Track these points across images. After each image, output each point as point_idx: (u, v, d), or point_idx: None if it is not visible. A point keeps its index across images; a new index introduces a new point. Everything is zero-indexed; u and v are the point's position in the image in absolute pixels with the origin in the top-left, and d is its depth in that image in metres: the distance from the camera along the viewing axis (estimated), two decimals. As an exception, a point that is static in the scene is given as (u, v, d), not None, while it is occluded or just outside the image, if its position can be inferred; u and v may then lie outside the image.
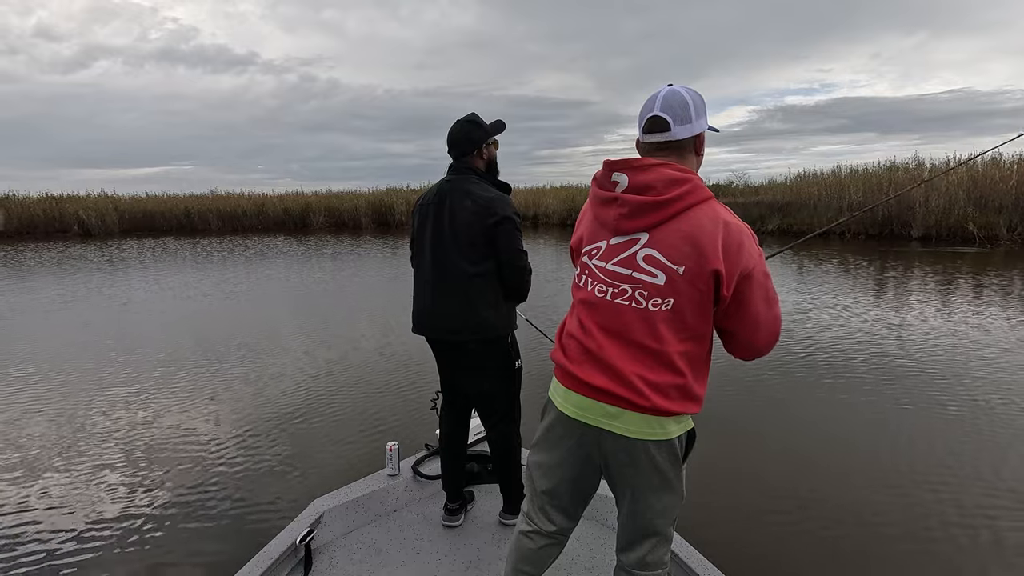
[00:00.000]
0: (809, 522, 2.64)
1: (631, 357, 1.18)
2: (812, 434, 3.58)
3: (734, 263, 1.13)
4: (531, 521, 1.42)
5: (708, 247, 1.12)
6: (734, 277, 1.14)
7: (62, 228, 22.29)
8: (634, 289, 1.17)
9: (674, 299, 1.15)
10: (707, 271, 1.12)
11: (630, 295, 1.17)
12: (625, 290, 1.18)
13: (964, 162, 14.38)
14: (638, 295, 1.16)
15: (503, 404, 2.06)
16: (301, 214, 24.58)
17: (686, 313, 1.16)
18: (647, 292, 1.16)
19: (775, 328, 1.22)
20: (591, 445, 1.28)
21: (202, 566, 2.40)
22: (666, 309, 1.15)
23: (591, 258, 1.25)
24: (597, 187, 1.26)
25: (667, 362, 1.17)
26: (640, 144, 1.26)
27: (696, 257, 1.12)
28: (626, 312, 1.18)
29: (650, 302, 1.16)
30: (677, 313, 1.15)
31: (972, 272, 9.13)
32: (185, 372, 4.99)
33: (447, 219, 1.90)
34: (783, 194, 18.50)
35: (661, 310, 1.15)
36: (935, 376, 4.46)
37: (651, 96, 1.23)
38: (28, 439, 3.67)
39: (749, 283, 1.15)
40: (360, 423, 3.82)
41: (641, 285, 1.16)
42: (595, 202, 1.27)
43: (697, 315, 1.16)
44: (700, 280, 1.13)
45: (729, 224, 1.15)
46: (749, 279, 1.15)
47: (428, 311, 1.98)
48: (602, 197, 1.23)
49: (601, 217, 1.24)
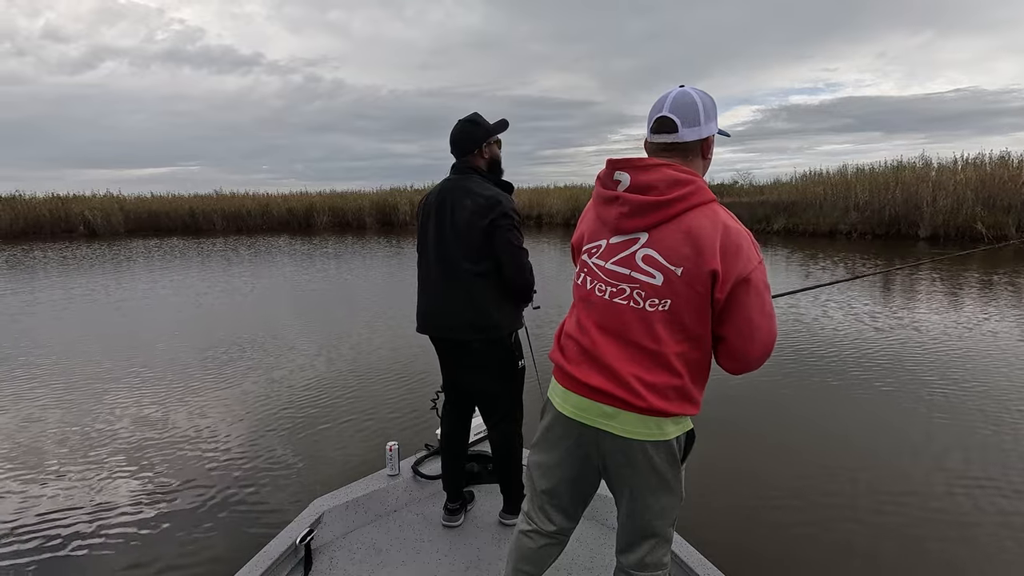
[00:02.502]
0: (810, 522, 2.62)
1: (628, 357, 1.18)
2: (813, 434, 3.56)
3: (731, 265, 1.12)
4: (531, 521, 1.42)
5: (707, 248, 1.11)
6: (730, 280, 1.13)
7: (68, 228, 22.47)
8: (632, 289, 1.17)
9: (671, 300, 1.14)
10: (704, 272, 1.12)
11: (628, 295, 1.18)
12: (623, 289, 1.18)
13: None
14: (636, 295, 1.17)
15: (505, 404, 2.06)
16: (305, 214, 24.69)
17: (683, 314, 1.15)
18: (645, 292, 1.16)
19: (769, 341, 1.19)
20: (589, 445, 1.28)
21: (202, 566, 2.39)
22: (663, 310, 1.15)
23: (591, 256, 1.26)
24: (600, 186, 1.27)
25: (664, 363, 1.17)
26: (648, 144, 1.27)
27: (694, 258, 1.12)
28: (624, 312, 1.18)
29: (647, 302, 1.16)
30: (674, 314, 1.15)
31: (980, 272, 9.05)
32: (186, 372, 5.00)
33: (448, 219, 1.91)
34: (788, 194, 18.42)
35: (658, 310, 1.15)
36: (940, 376, 4.42)
37: (661, 96, 1.23)
38: (28, 438, 3.68)
39: (746, 288, 1.14)
40: (360, 423, 3.81)
41: (639, 285, 1.16)
42: (598, 200, 1.28)
43: (694, 317, 1.16)
44: (698, 282, 1.13)
45: (729, 227, 1.14)
46: (746, 284, 1.14)
47: (432, 310, 1.99)
48: (604, 196, 1.24)
49: (603, 215, 1.25)
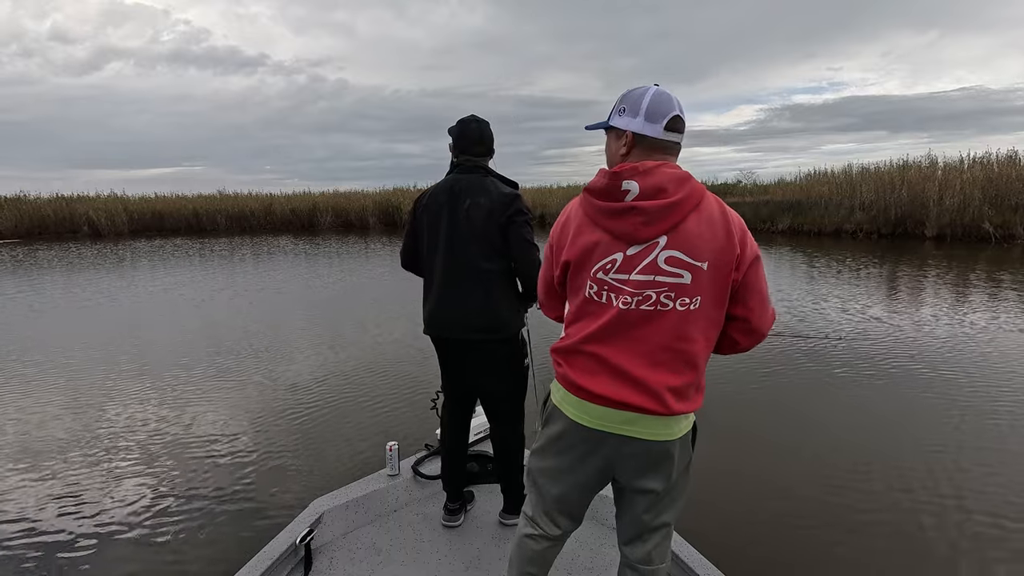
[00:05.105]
0: (810, 522, 2.60)
1: (654, 363, 1.17)
2: (813, 434, 3.53)
3: (745, 247, 1.17)
4: (536, 525, 1.40)
5: (725, 236, 1.14)
6: (747, 261, 1.17)
7: (72, 228, 22.59)
8: (659, 293, 1.15)
9: (701, 296, 1.15)
10: (729, 260, 1.15)
11: (655, 300, 1.15)
12: (650, 296, 1.15)
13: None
14: (664, 298, 1.15)
15: (511, 403, 2.05)
16: (308, 214, 24.72)
17: (711, 308, 1.17)
18: (674, 293, 1.15)
19: (772, 310, 1.28)
20: (607, 450, 1.26)
21: (202, 566, 2.38)
22: (694, 308, 1.15)
23: (607, 273, 1.19)
24: (601, 199, 1.19)
25: (690, 360, 1.18)
26: (647, 138, 1.19)
27: (718, 249, 1.14)
28: (652, 317, 1.16)
29: (678, 302, 1.15)
30: (704, 309, 1.16)
31: (988, 271, 8.98)
32: (186, 372, 4.99)
33: (463, 217, 1.88)
34: (793, 193, 18.36)
35: (689, 309, 1.15)
36: (945, 376, 4.37)
37: (661, 92, 1.20)
38: (28, 438, 3.68)
39: (756, 266, 1.20)
40: (360, 423, 3.79)
41: (667, 287, 1.15)
42: (601, 215, 1.19)
43: (719, 307, 1.19)
44: (722, 271, 1.15)
45: (731, 212, 1.19)
46: (756, 261, 1.20)
47: (446, 310, 1.94)
48: (611, 209, 1.17)
49: (614, 229, 1.18)
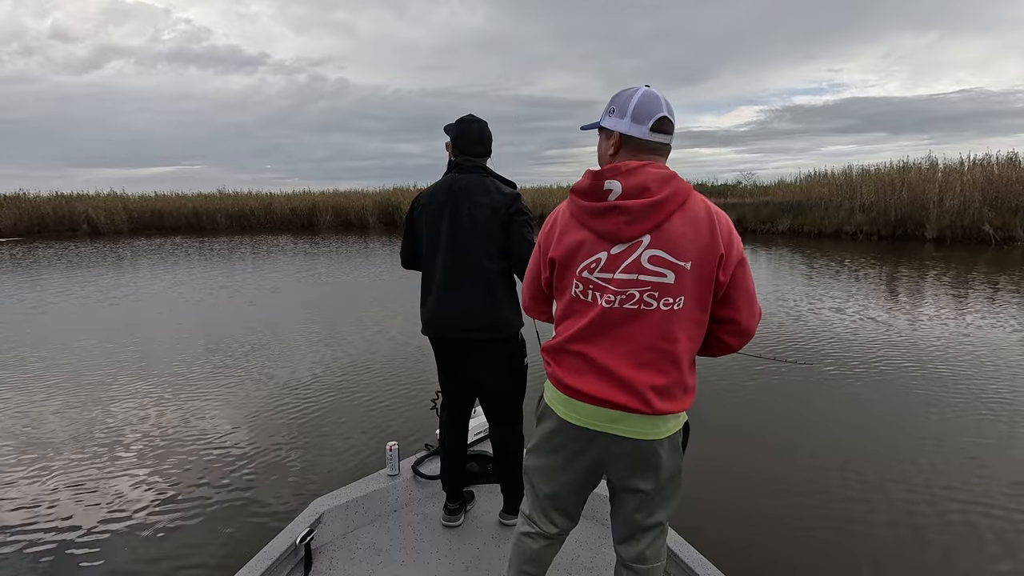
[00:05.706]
0: (810, 521, 2.60)
1: (639, 363, 1.17)
2: (812, 434, 3.53)
3: (731, 247, 1.16)
4: (533, 523, 1.42)
5: (710, 236, 1.14)
6: (732, 262, 1.17)
7: (71, 227, 22.56)
8: (642, 292, 1.15)
9: (684, 296, 1.15)
10: (712, 259, 1.14)
11: (638, 299, 1.16)
12: (633, 295, 1.16)
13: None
14: (647, 297, 1.15)
15: (511, 403, 2.05)
16: (308, 214, 24.71)
17: (694, 308, 1.17)
18: (657, 292, 1.15)
19: (759, 309, 1.28)
20: (597, 448, 1.27)
21: (202, 566, 2.37)
22: (677, 308, 1.15)
23: (591, 272, 1.21)
24: (584, 199, 1.21)
25: (674, 360, 1.17)
26: (633, 138, 1.20)
27: (701, 249, 1.14)
28: (636, 316, 1.17)
29: (661, 302, 1.15)
30: (687, 309, 1.16)
31: (988, 273, 8.98)
32: (186, 371, 4.98)
33: (465, 217, 1.88)
34: (793, 195, 18.37)
35: (672, 309, 1.15)
36: (943, 376, 4.37)
37: (649, 93, 1.20)
38: (28, 437, 3.67)
39: (743, 266, 1.20)
40: (360, 423, 3.78)
41: (650, 287, 1.15)
42: (585, 215, 1.22)
43: (703, 308, 1.19)
44: (706, 271, 1.15)
45: (717, 211, 1.18)
46: (743, 262, 1.20)
47: (447, 311, 1.94)
48: (595, 208, 1.19)
49: (598, 228, 1.19)
